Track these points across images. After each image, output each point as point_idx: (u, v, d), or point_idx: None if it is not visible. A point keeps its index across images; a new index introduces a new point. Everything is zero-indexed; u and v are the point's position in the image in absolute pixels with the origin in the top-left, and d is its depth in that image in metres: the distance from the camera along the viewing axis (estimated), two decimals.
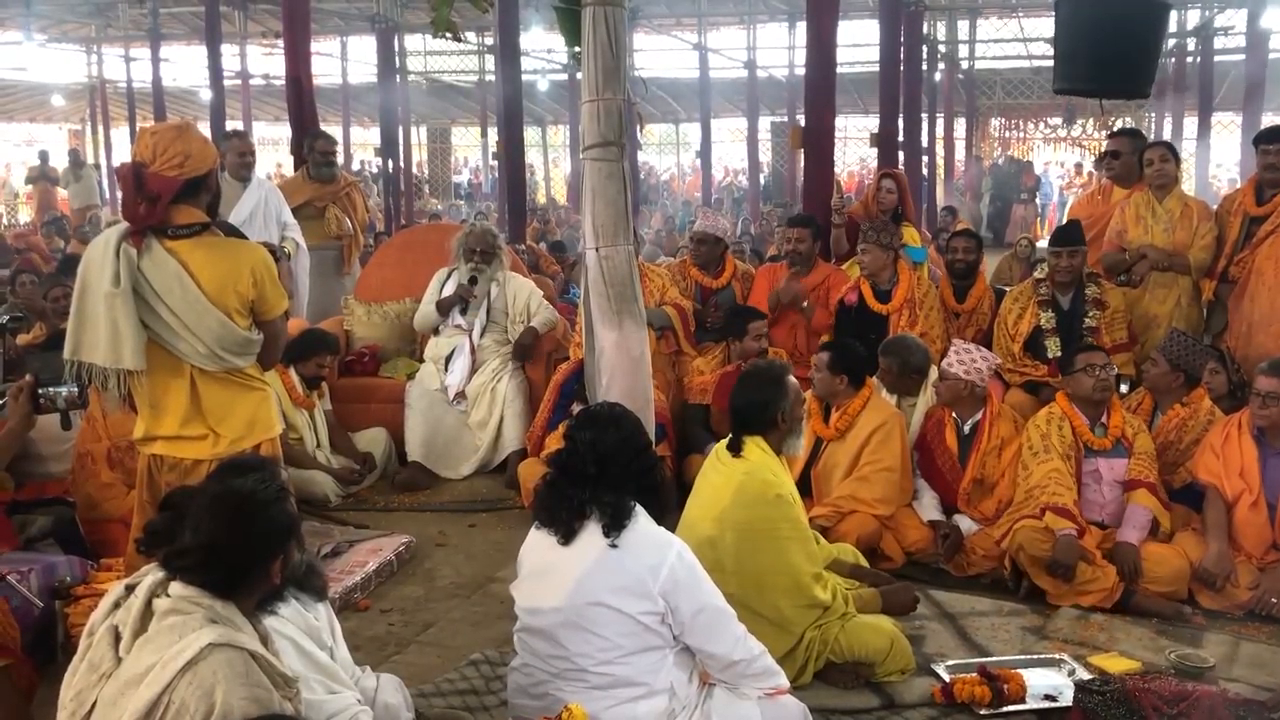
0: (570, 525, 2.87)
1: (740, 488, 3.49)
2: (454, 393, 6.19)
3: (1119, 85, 2.79)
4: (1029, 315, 5.73)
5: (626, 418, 3.01)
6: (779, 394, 3.56)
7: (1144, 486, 4.54)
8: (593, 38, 3.89)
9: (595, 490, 2.86)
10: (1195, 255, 5.68)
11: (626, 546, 2.81)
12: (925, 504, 4.92)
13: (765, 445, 3.56)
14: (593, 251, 3.99)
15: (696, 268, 6.70)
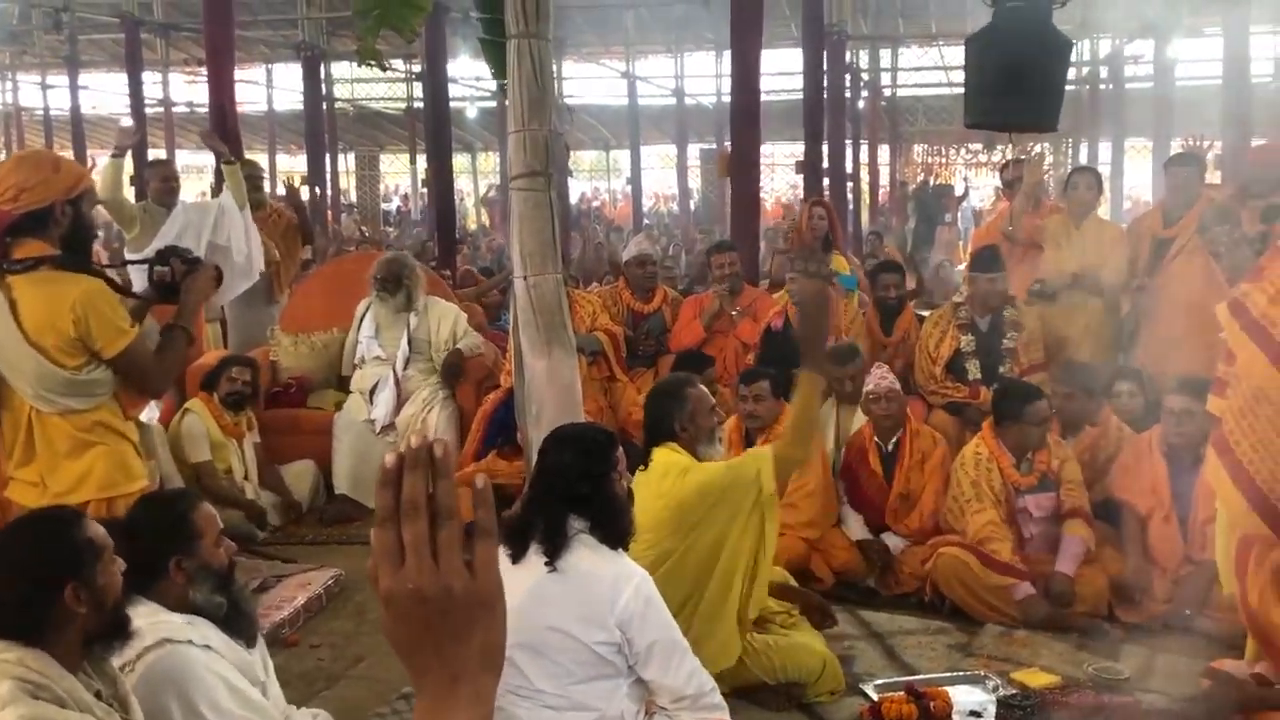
0: (515, 544, 2.89)
1: (659, 484, 3.54)
2: (381, 425, 6.13)
3: (1026, 119, 2.90)
4: (949, 338, 5.86)
5: (578, 441, 3.02)
6: (674, 404, 3.63)
7: (1078, 516, 4.63)
8: (517, 69, 3.92)
9: (537, 511, 2.88)
10: (1108, 277, 5.87)
11: (581, 574, 2.81)
12: (852, 525, 5.00)
13: (677, 448, 3.61)
14: (521, 280, 4.01)
15: (629, 292, 6.76)
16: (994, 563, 4.43)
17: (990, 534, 4.51)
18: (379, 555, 0.90)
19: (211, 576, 2.46)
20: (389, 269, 6.41)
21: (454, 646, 0.90)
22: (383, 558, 0.89)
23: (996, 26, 2.73)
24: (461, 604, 0.89)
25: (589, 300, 6.50)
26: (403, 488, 0.89)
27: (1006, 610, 4.36)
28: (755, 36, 7.33)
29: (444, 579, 0.88)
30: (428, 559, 0.88)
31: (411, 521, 0.89)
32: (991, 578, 4.41)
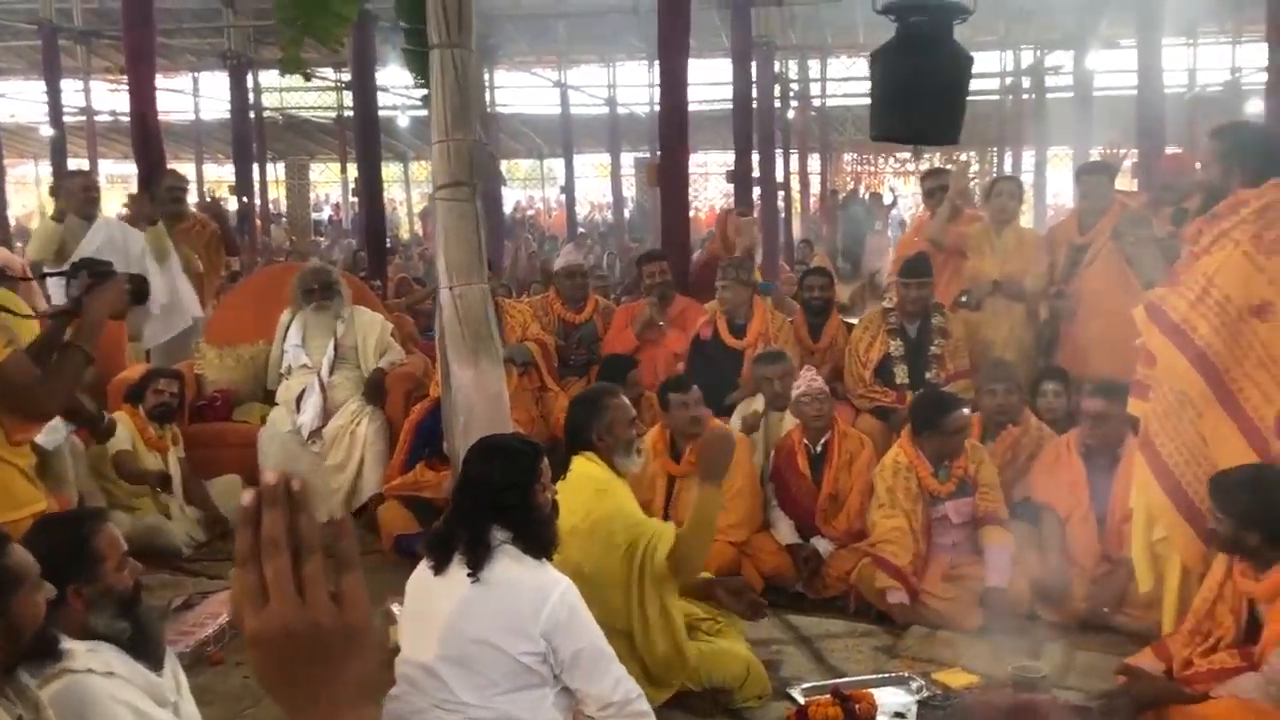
0: (438, 555, 2.88)
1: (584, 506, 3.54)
2: (308, 431, 6.06)
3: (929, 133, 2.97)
4: (878, 343, 5.95)
5: (503, 452, 3.01)
6: (593, 413, 3.64)
7: (994, 522, 4.72)
8: (441, 79, 3.92)
9: (460, 522, 2.87)
10: (1029, 284, 6.00)
11: (505, 584, 2.81)
12: (782, 529, 5.05)
13: (595, 459, 3.63)
14: (447, 290, 4.01)
15: (559, 302, 6.77)
16: (885, 563, 4.52)
17: (893, 538, 4.61)
18: (241, 597, 0.88)
19: (114, 601, 2.41)
20: (314, 279, 6.37)
21: (329, 681, 0.89)
22: (246, 599, 0.88)
23: (900, 42, 2.80)
24: (332, 638, 0.88)
25: (519, 310, 6.49)
26: (262, 526, 0.87)
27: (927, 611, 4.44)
28: (682, 47, 7.39)
29: (311, 614, 0.87)
30: (293, 595, 0.87)
31: (273, 558, 0.87)
32: (879, 579, 4.51)
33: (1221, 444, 3.56)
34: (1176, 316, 3.59)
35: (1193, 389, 3.57)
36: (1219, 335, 3.51)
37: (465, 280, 3.96)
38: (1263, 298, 3.50)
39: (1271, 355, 3.52)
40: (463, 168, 3.96)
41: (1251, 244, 3.53)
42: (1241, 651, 3.38)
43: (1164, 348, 3.62)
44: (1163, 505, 3.68)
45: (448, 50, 3.92)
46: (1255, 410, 3.53)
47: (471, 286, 3.97)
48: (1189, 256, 3.70)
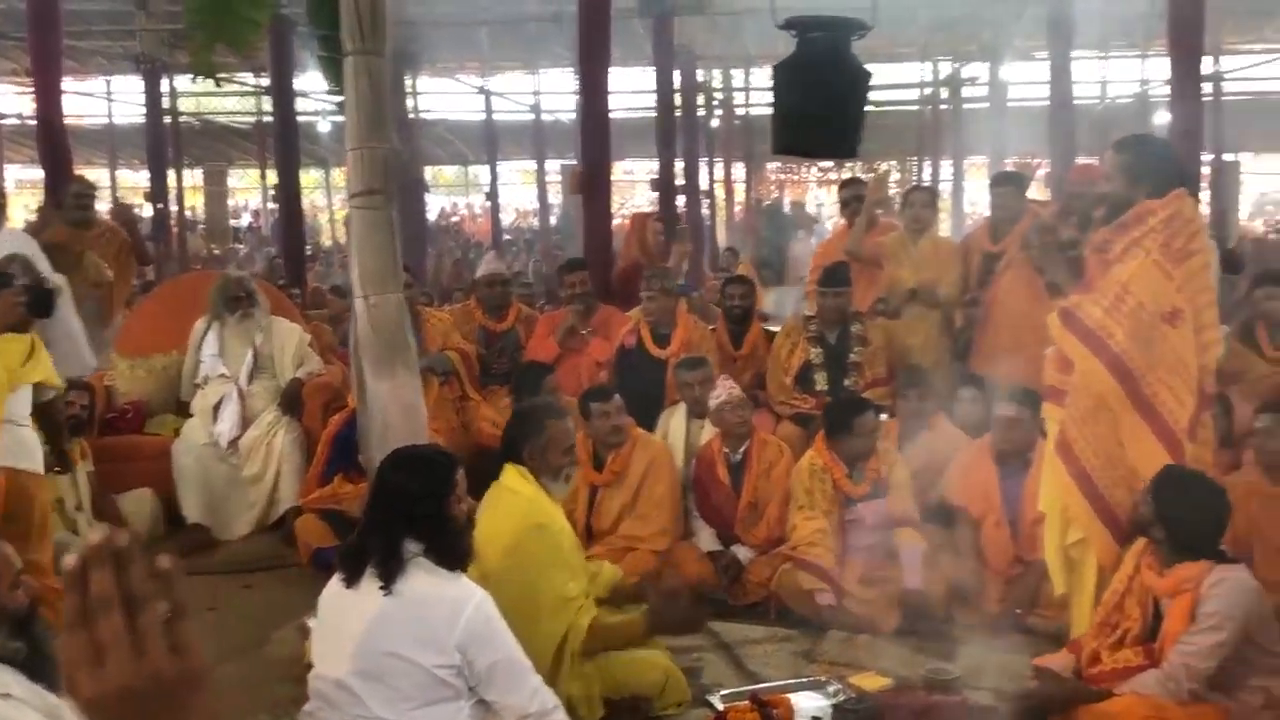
0: (350, 568, 2.83)
1: (506, 515, 3.54)
2: (226, 440, 5.96)
3: (827, 147, 3.02)
4: (799, 351, 6.02)
5: (416, 463, 2.98)
6: (530, 431, 3.65)
7: (906, 524, 4.81)
8: (354, 87, 3.88)
9: (373, 535, 2.83)
10: (944, 292, 6.12)
11: (418, 597, 2.78)
12: (703, 537, 5.08)
13: (525, 474, 3.62)
14: (361, 300, 3.96)
15: (480, 311, 6.73)
16: (810, 565, 4.57)
17: (815, 540, 4.66)
18: (73, 662, 0.85)
19: (8, 621, 2.33)
20: (238, 287, 6.27)
21: None
22: (78, 663, 0.85)
23: (799, 57, 2.84)
24: (174, 687, 0.87)
25: (440, 319, 6.44)
26: (90, 586, 0.85)
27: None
28: (603, 56, 7.40)
29: (151, 666, 0.85)
30: (129, 652, 0.85)
31: (105, 617, 0.84)
32: (810, 581, 4.55)
33: (1138, 447, 3.67)
34: (1093, 323, 3.68)
35: (1110, 394, 3.67)
36: (1134, 341, 3.61)
37: (380, 290, 3.91)
38: (1173, 304, 3.61)
39: (1182, 360, 3.63)
40: (377, 176, 3.92)
41: (1161, 253, 3.64)
42: (1145, 649, 3.47)
43: (1081, 354, 3.71)
44: (1081, 508, 3.77)
45: (362, 57, 3.88)
46: (1170, 413, 3.64)
47: (387, 296, 3.92)
48: (1101, 265, 3.79)
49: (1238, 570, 3.39)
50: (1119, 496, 3.68)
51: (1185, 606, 3.35)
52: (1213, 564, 3.37)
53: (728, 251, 15.12)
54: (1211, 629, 3.29)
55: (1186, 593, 3.36)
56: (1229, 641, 3.30)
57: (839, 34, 2.81)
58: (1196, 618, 3.32)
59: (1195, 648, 3.29)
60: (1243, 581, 3.36)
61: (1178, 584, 3.39)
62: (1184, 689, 3.29)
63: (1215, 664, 3.31)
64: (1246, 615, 3.33)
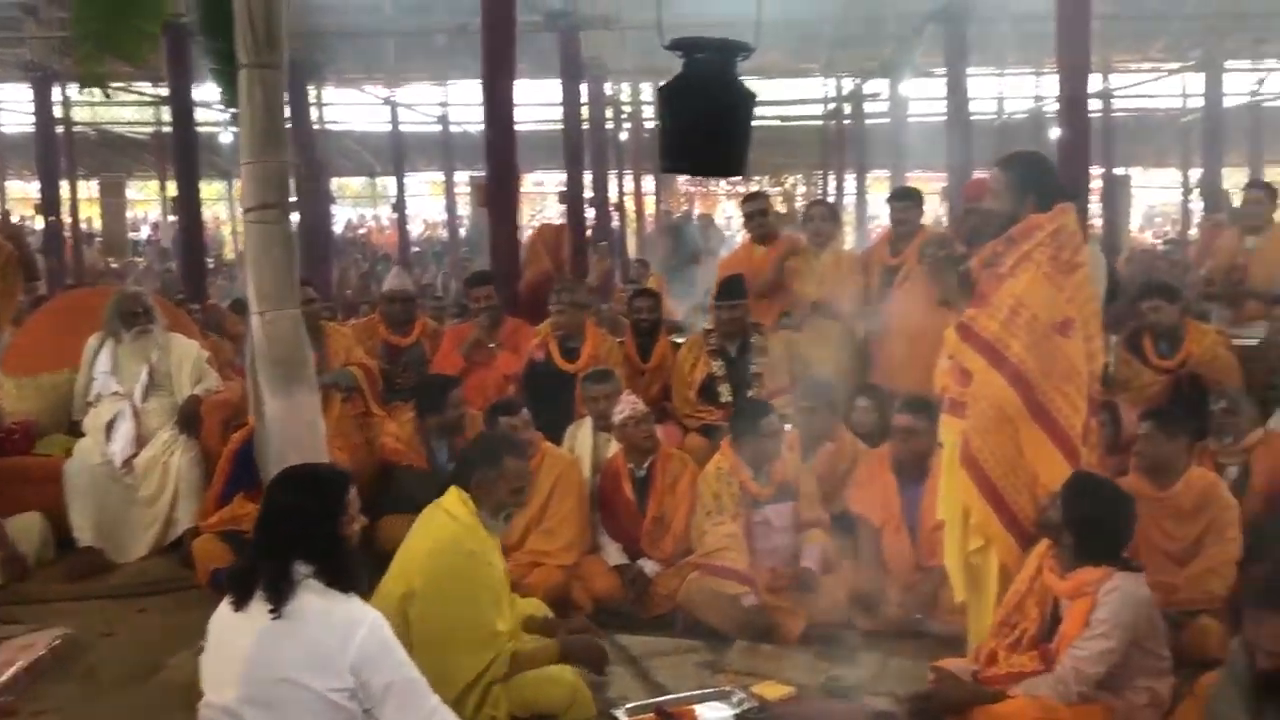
0: (239, 591, 2.77)
1: (438, 538, 3.53)
2: (120, 460, 5.77)
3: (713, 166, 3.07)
4: (701, 364, 6.08)
5: (306, 482, 2.94)
6: (484, 463, 3.63)
7: (816, 526, 4.92)
8: (248, 100, 3.81)
9: (262, 556, 2.78)
10: (846, 304, 6.24)
11: (309, 620, 2.72)
12: (610, 551, 5.09)
13: (468, 501, 3.60)
14: (257, 316, 3.88)
15: (385, 326, 6.66)
16: (722, 570, 4.61)
17: (726, 544, 4.71)
18: None
19: None
20: (135, 303, 6.10)
21: None
22: None
23: (685, 77, 2.88)
24: None
25: (342, 334, 6.35)
26: None
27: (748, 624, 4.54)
28: (508, 68, 7.39)
29: None
30: None
31: None
32: (727, 586, 4.58)
33: (1038, 454, 3.78)
34: (990, 336, 3.79)
35: (1009, 404, 3.78)
36: (1030, 352, 3.73)
37: (277, 306, 3.84)
38: (1064, 314, 3.74)
39: (1075, 368, 3.76)
40: (273, 190, 3.86)
41: (1050, 265, 3.77)
42: (1041, 651, 3.58)
43: (980, 366, 3.82)
44: (987, 515, 3.87)
45: (257, 70, 3.81)
46: (1066, 421, 3.77)
47: (283, 312, 3.85)
48: (994, 278, 3.90)
49: (1133, 579, 3.51)
50: (1022, 503, 3.80)
51: (1083, 610, 3.47)
52: (1113, 569, 3.49)
53: (638, 264, 15.21)
54: (1102, 636, 3.41)
55: (1086, 596, 3.48)
56: (1118, 649, 3.43)
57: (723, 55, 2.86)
58: (1089, 624, 3.44)
59: (1086, 653, 3.41)
60: (1135, 591, 3.48)
61: (1078, 587, 3.51)
62: (1073, 692, 3.42)
63: (1104, 670, 3.44)
64: (1135, 623, 3.46)
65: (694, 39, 2.91)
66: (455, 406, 5.54)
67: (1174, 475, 4.43)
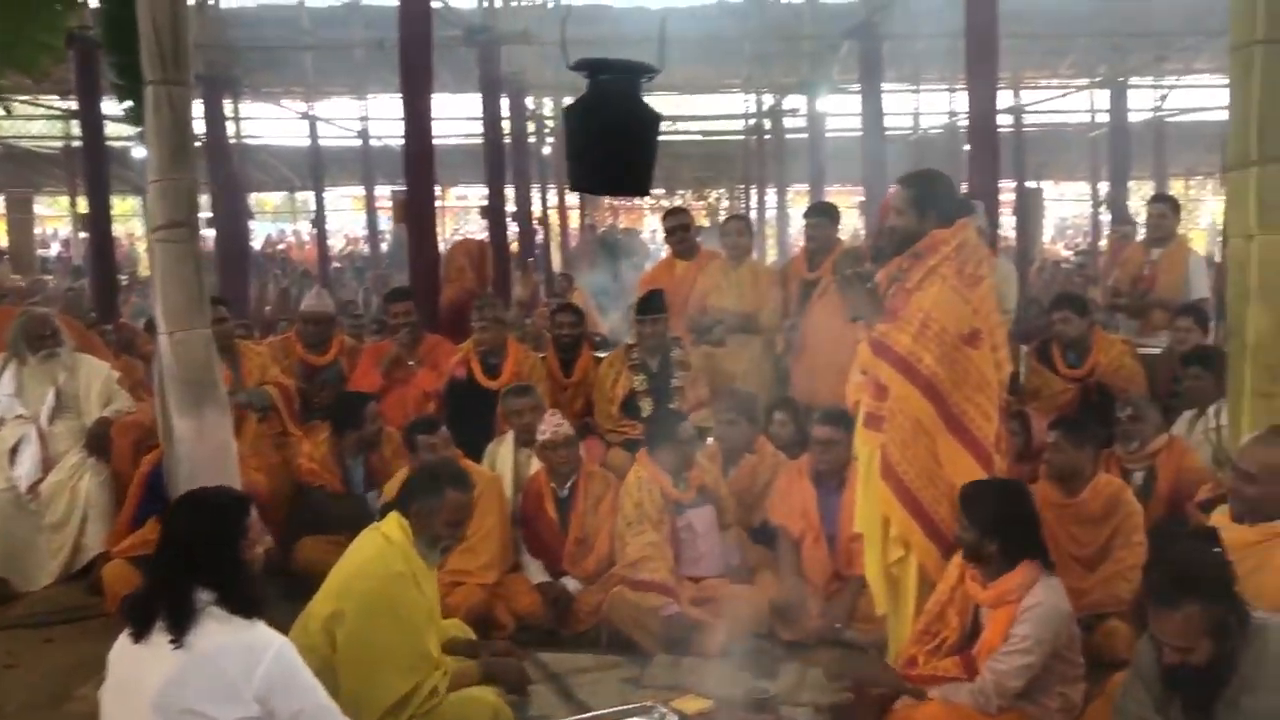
0: (138, 622, 2.70)
1: (368, 559, 3.50)
2: (25, 485, 5.61)
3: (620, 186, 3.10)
4: (624, 379, 6.09)
5: (205, 507, 2.87)
6: (425, 490, 3.60)
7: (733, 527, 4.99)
8: (155, 117, 3.74)
9: (161, 584, 2.71)
10: (764, 318, 6.31)
11: (211, 649, 2.65)
12: (532, 569, 5.07)
13: (406, 528, 3.56)
14: (165, 336, 3.81)
15: (301, 345, 6.56)
16: (644, 584, 4.64)
17: (649, 554, 4.74)
18: None
19: None
20: (33, 327, 5.93)
21: None
22: None
23: (591, 98, 2.91)
24: None
25: (258, 352, 6.25)
26: None
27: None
28: (426, 82, 7.35)
29: None
30: None
31: None
32: (649, 600, 4.60)
33: (954, 464, 3.86)
34: (902, 350, 3.87)
35: (924, 415, 3.86)
36: (941, 364, 3.81)
37: (185, 326, 3.77)
38: (971, 326, 3.83)
39: (985, 378, 3.85)
40: (181, 208, 3.79)
41: (956, 278, 3.85)
42: (963, 658, 3.65)
43: (894, 379, 3.89)
44: (907, 526, 3.93)
45: (163, 87, 3.74)
46: (979, 430, 3.85)
47: (193, 332, 3.78)
48: (903, 293, 3.98)
49: (1055, 591, 3.59)
50: (942, 512, 3.87)
51: (1006, 618, 3.55)
52: (1035, 574, 3.57)
53: (562, 279, 15.19)
54: (1023, 651, 3.50)
55: (1009, 604, 3.56)
56: (1038, 663, 3.52)
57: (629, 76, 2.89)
58: (1010, 638, 3.52)
59: (1006, 667, 3.49)
60: (1057, 605, 3.57)
61: (1000, 595, 3.59)
62: (993, 704, 3.49)
63: (1023, 683, 3.52)
64: (1055, 637, 3.55)
65: (598, 60, 2.94)
66: (372, 421, 5.50)
67: (1082, 482, 4.54)
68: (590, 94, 2.91)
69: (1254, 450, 3.33)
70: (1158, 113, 17.09)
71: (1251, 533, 3.22)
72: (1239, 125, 3.73)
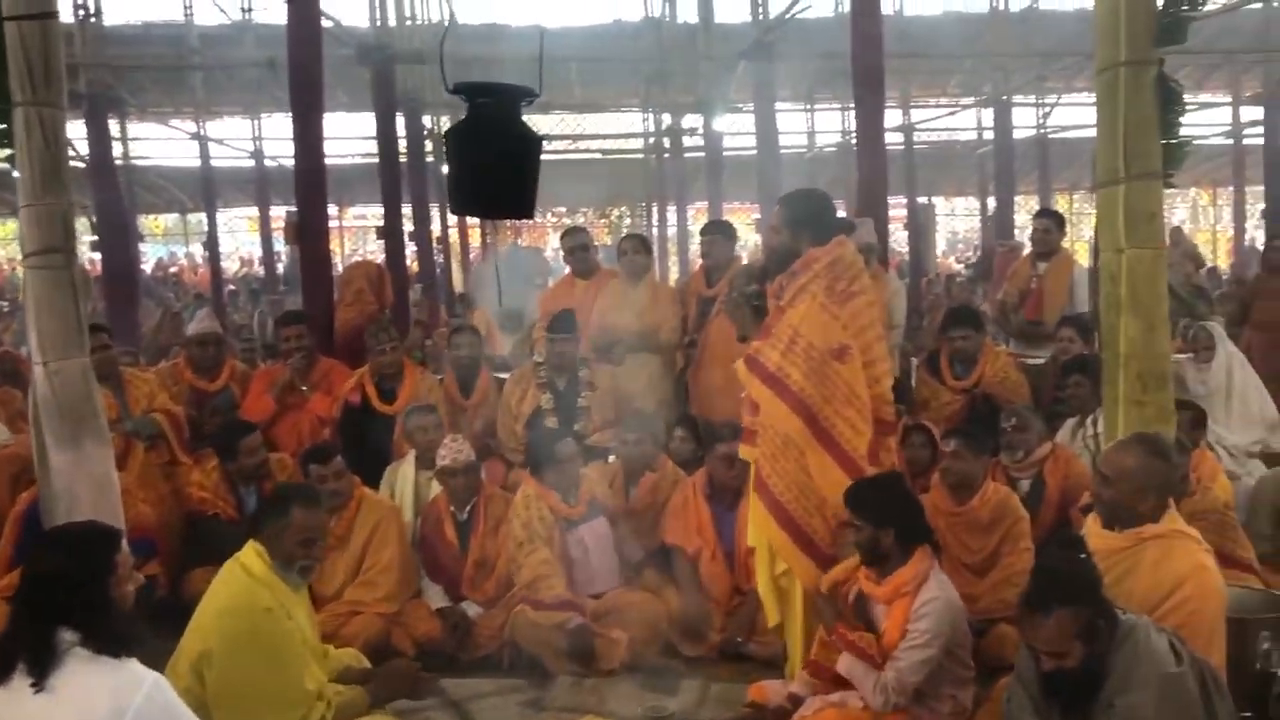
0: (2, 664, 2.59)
1: (233, 595, 3.41)
2: None
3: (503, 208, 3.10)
4: (530, 396, 6.05)
5: (69, 543, 2.76)
6: (275, 511, 3.53)
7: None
8: (27, 140, 3.61)
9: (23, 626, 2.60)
10: (664, 336, 6.34)
11: (77, 691, 2.54)
12: (431, 595, 5.02)
13: (264, 554, 3.48)
14: (40, 366, 3.67)
15: (190, 370, 6.39)
16: (545, 603, 4.63)
17: (544, 572, 4.72)
18: None
19: None
20: None
21: None
22: None
23: (471, 122, 2.91)
24: None
25: (144, 380, 6.05)
26: None
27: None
28: (317, 101, 7.24)
29: None
30: None
31: None
32: (552, 618, 4.59)
33: (824, 477, 3.92)
34: (772, 366, 3.94)
35: (794, 431, 3.92)
36: (809, 379, 3.88)
37: (61, 355, 3.64)
38: (840, 341, 3.91)
39: (854, 392, 3.92)
40: (56, 233, 3.66)
41: (826, 295, 3.94)
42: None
43: (765, 396, 3.96)
44: (781, 541, 3.99)
45: (33, 108, 3.62)
46: (848, 443, 3.92)
47: (69, 361, 3.65)
48: (776, 311, 4.07)
49: (948, 585, 3.72)
50: (815, 525, 3.93)
51: (902, 610, 3.65)
52: (928, 563, 3.69)
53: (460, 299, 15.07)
54: (923, 646, 3.59)
55: (904, 597, 3.66)
56: (936, 658, 3.62)
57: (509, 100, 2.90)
58: (909, 633, 3.60)
59: (907, 662, 3.58)
60: (951, 599, 3.69)
61: (896, 589, 3.69)
62: (893, 701, 3.57)
63: (923, 678, 3.61)
64: (953, 630, 3.66)
65: (478, 84, 2.94)
66: (250, 454, 5.34)
67: (973, 490, 4.66)
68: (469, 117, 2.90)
69: (1110, 455, 3.48)
70: (1041, 130, 17.67)
71: (1121, 538, 3.34)
72: (1107, 144, 3.87)
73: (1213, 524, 4.46)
